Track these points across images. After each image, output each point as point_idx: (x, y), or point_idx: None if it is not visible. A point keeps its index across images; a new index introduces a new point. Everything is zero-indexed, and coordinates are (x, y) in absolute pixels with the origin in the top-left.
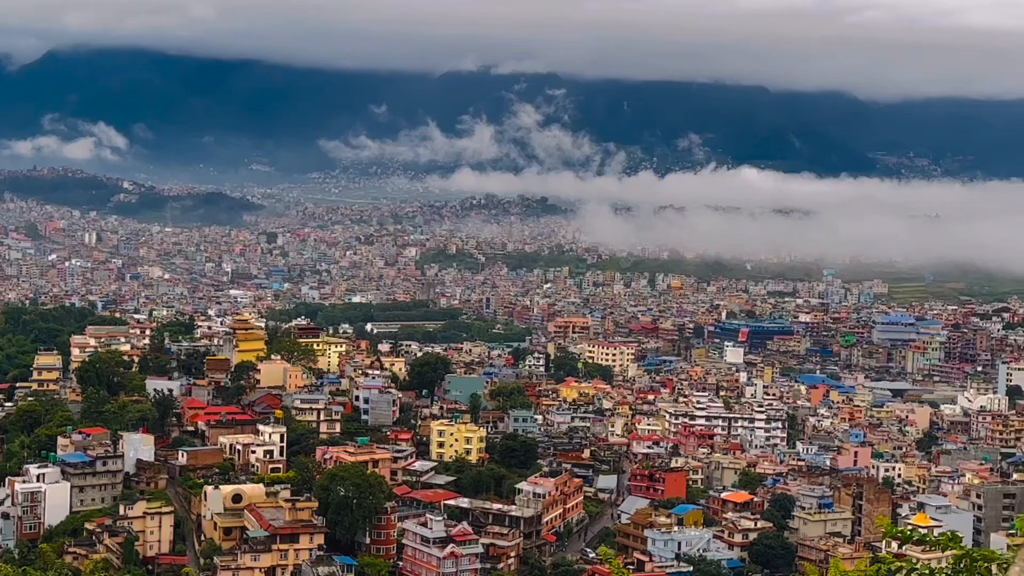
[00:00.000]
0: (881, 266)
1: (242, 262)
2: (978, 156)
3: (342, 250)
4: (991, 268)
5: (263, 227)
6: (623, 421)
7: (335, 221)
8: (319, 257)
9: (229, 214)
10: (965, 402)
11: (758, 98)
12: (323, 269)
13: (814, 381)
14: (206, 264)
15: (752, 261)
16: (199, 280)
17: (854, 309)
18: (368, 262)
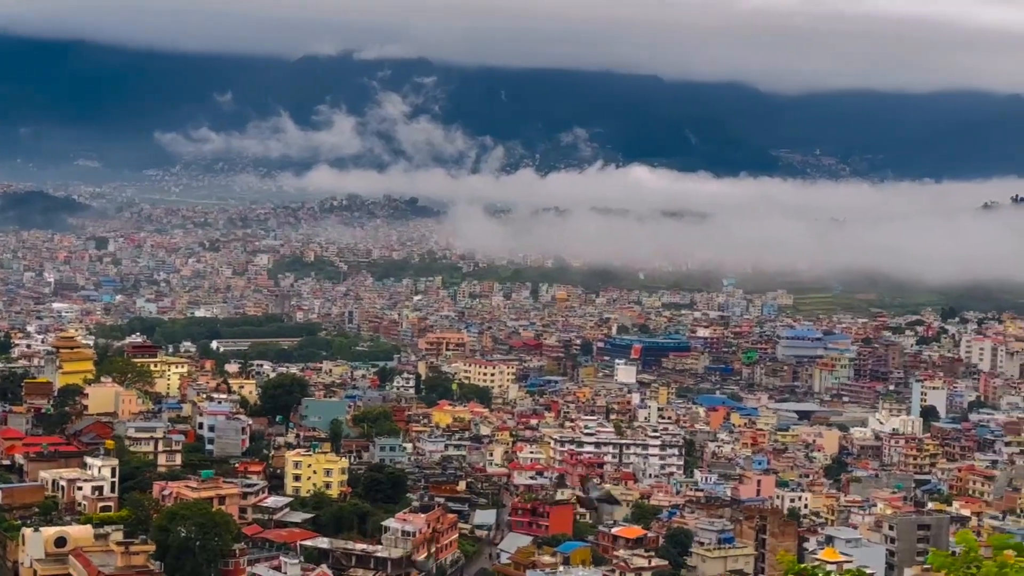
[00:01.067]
0: (785, 275)
1: (67, 271)
2: (889, 154)
3: (183, 257)
4: (903, 277)
5: (91, 231)
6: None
7: (175, 224)
8: (156, 265)
9: (51, 216)
10: (876, 424)
11: (651, 89)
12: (161, 279)
13: (714, 403)
14: (24, 274)
15: (645, 270)
16: (16, 292)
17: (757, 322)
18: (213, 271)
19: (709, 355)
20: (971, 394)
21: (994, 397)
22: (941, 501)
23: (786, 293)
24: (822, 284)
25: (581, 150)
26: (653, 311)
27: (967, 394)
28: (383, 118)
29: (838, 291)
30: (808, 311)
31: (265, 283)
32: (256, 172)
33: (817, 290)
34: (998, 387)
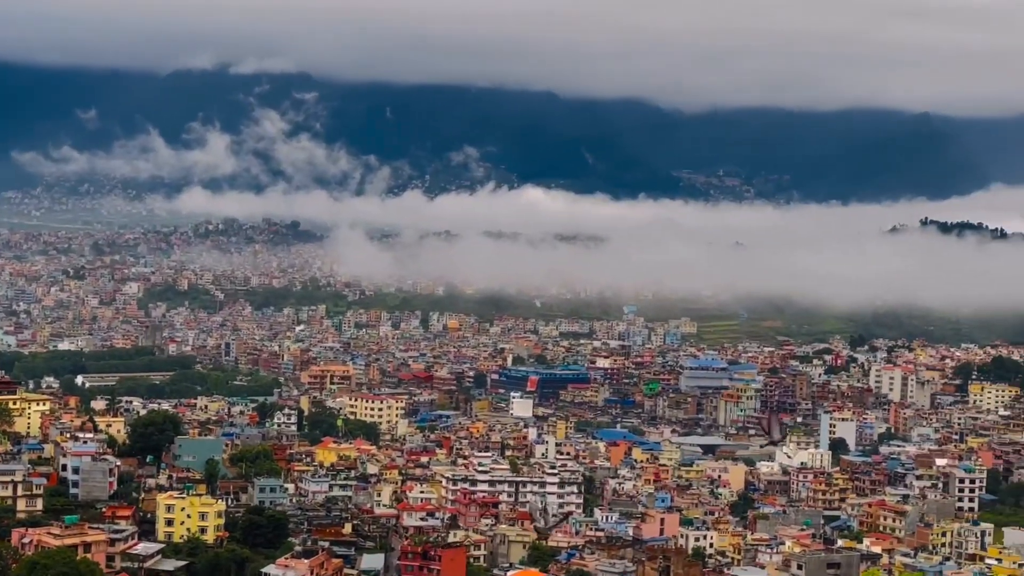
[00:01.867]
0: (689, 302)
1: None
2: (794, 175)
3: (45, 286)
4: (811, 303)
5: None
6: (391, 489)
7: (36, 251)
8: (16, 295)
9: None
10: (784, 458)
11: (546, 106)
12: (21, 309)
13: (614, 437)
14: None
15: (542, 297)
16: None
17: (659, 352)
18: (78, 301)
19: (609, 387)
20: (881, 425)
21: (905, 428)
22: (851, 538)
23: (690, 321)
24: (727, 311)
25: (472, 170)
26: (550, 341)
27: (877, 425)
28: (260, 136)
29: (744, 318)
30: (713, 340)
31: (134, 313)
32: (124, 194)
33: (722, 317)
34: (909, 418)
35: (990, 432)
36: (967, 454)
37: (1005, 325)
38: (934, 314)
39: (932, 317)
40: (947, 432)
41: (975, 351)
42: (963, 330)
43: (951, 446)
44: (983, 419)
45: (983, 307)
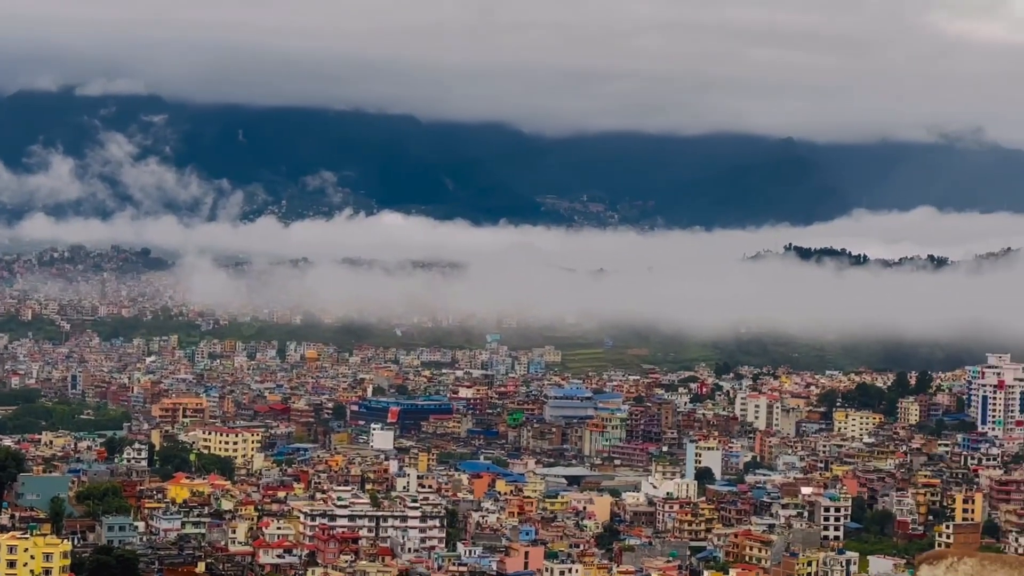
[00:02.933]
0: (553, 330)
1: None
2: (658, 200)
3: None
4: (676, 331)
5: None
6: (247, 525)
7: None
8: None
9: None
10: (650, 488)
11: (406, 130)
12: None
13: (477, 469)
14: None
15: (402, 325)
16: None
17: (523, 381)
18: None
19: (472, 417)
20: (747, 454)
21: (770, 457)
22: (717, 568)
23: (554, 349)
24: (592, 339)
25: (329, 195)
26: (411, 370)
27: (743, 454)
28: (107, 160)
29: (609, 346)
30: (577, 368)
31: None
32: None
33: (586, 345)
34: (774, 446)
35: (855, 460)
36: (832, 482)
37: (868, 351)
38: (798, 341)
39: (796, 344)
40: (812, 460)
41: (839, 378)
42: (827, 357)
43: (816, 474)
44: (848, 446)
45: (846, 333)
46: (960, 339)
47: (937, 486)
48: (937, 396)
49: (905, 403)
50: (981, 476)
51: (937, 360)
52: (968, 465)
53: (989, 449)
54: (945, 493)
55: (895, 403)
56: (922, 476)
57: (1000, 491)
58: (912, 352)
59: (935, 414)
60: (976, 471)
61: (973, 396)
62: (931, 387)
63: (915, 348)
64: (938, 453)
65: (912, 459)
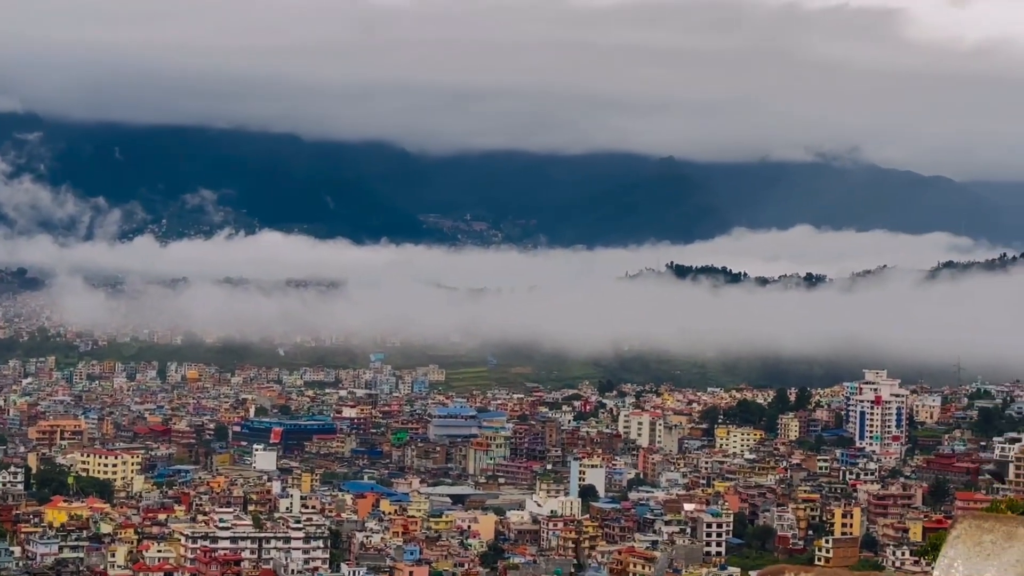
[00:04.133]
0: (437, 349)
1: None
2: (541, 219)
3: None
4: (559, 349)
5: None
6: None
7: None
8: None
9: None
10: (534, 506)
11: (288, 148)
12: None
13: (361, 489)
14: None
15: (285, 345)
16: None
17: (407, 401)
18: None
19: (356, 437)
20: (630, 471)
21: (653, 474)
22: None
23: (438, 368)
24: (476, 358)
25: (209, 214)
26: (295, 390)
27: (626, 471)
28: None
29: (492, 365)
30: (461, 387)
31: None
32: None
33: (470, 364)
34: (657, 463)
35: (736, 475)
36: (714, 498)
37: (748, 368)
38: (680, 358)
39: (678, 361)
40: (695, 476)
41: (720, 395)
42: (708, 374)
43: (699, 490)
44: (729, 463)
45: (726, 351)
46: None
47: (816, 501)
48: (816, 412)
49: (785, 419)
50: (859, 491)
51: (816, 376)
52: (847, 480)
53: (867, 464)
54: (824, 508)
55: (775, 419)
56: (802, 491)
57: (878, 505)
58: (791, 368)
59: (814, 430)
60: (854, 486)
61: (851, 412)
62: (810, 403)
63: (794, 365)
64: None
65: (792, 474)
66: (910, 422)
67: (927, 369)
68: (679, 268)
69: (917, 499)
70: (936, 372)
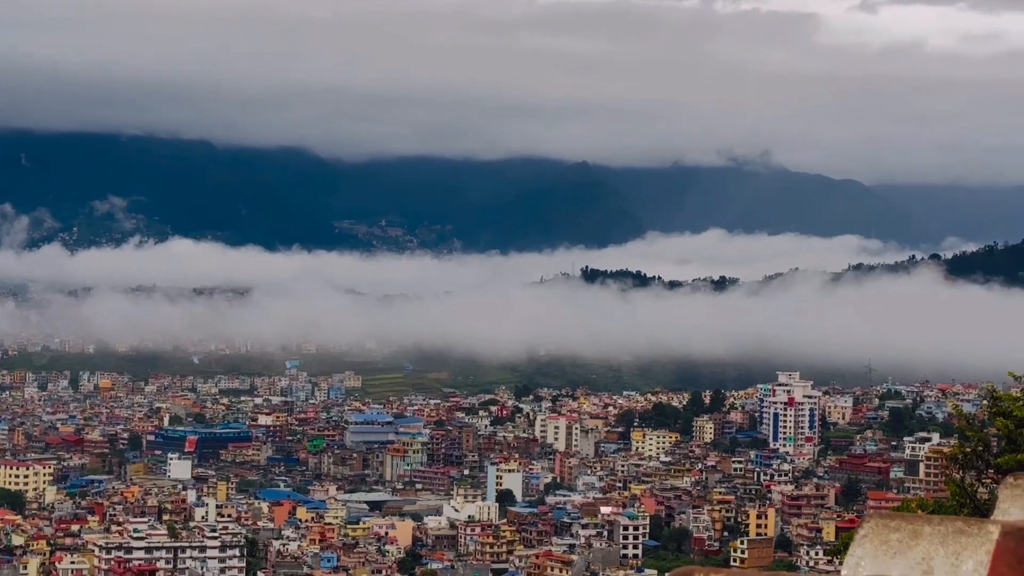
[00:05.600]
0: (354, 355)
1: None
2: (456, 225)
3: None
4: (475, 355)
5: None
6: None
7: None
8: None
9: None
10: (452, 512)
11: (201, 155)
12: None
13: (278, 496)
14: None
15: (199, 353)
16: None
17: (323, 407)
18: None
19: (272, 445)
20: (547, 475)
21: (570, 478)
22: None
23: (354, 374)
24: (392, 364)
25: (120, 221)
26: (209, 398)
27: (543, 475)
28: None
29: (409, 371)
30: (378, 393)
31: None
32: None
33: (387, 370)
34: (574, 467)
35: (652, 478)
36: (630, 501)
37: (663, 372)
38: (595, 363)
39: (593, 366)
40: (611, 480)
41: (636, 398)
42: (624, 378)
43: (615, 494)
44: (645, 465)
45: (640, 355)
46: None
47: (732, 502)
48: (731, 414)
49: (700, 422)
50: (773, 492)
51: (729, 379)
52: (761, 481)
53: (781, 465)
54: (739, 509)
55: (690, 422)
56: (717, 493)
57: (791, 506)
58: (704, 371)
59: (729, 432)
60: (769, 487)
61: (765, 413)
62: (725, 406)
63: (707, 367)
64: (732, 470)
65: (707, 476)
66: (823, 423)
67: (839, 370)
68: (591, 272)
69: (830, 499)
70: (847, 373)
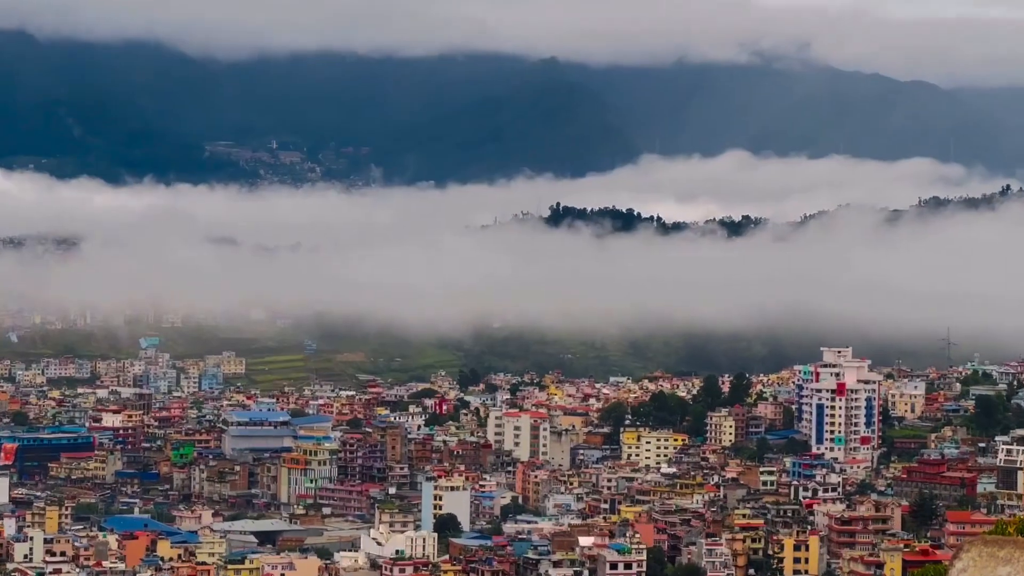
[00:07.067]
0: (233, 330)
1: None
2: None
3: None
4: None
5: None
6: None
7: None
8: None
9: None
10: (372, 546)
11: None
12: None
13: (131, 526)
14: None
15: (19, 328)
16: None
17: (193, 402)
18: None
19: (123, 454)
20: (505, 494)
21: (537, 497)
22: None
23: (235, 357)
24: (287, 342)
25: None
26: (33, 390)
27: (499, 494)
28: None
29: (311, 350)
30: (268, 382)
31: None
32: None
33: (280, 351)
34: (542, 482)
35: (650, 497)
36: (620, 529)
37: (665, 350)
38: (570, 338)
39: (568, 342)
40: (594, 500)
41: (628, 386)
42: (611, 358)
43: (599, 519)
44: (641, 479)
45: (633, 327)
46: (781, 330)
47: (760, 529)
48: (758, 407)
49: (716, 418)
50: (817, 513)
51: (755, 358)
52: (800, 499)
53: (827, 477)
54: (771, 538)
55: (703, 418)
56: (740, 516)
57: (842, 532)
58: (720, 348)
59: (756, 431)
60: (810, 507)
61: (805, 405)
62: (750, 395)
63: (724, 343)
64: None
65: (726, 493)
66: (884, 418)
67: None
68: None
69: (895, 522)
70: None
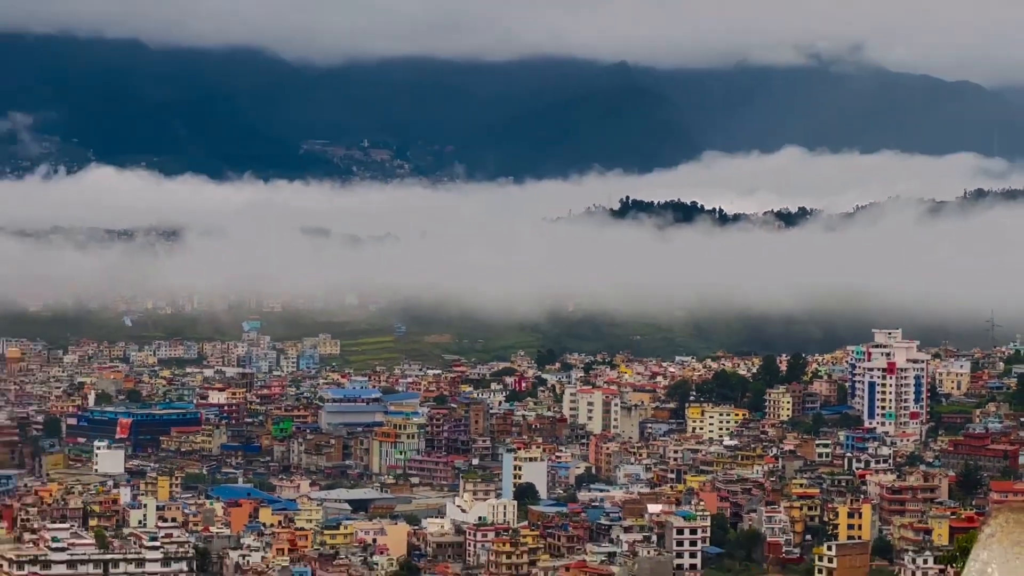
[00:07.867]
0: (329, 314)
1: None
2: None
3: None
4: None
5: None
6: None
7: None
8: None
9: None
10: (457, 513)
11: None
12: None
13: (235, 495)
14: None
15: (133, 313)
16: None
17: (291, 381)
18: None
19: (227, 429)
20: (579, 465)
21: (608, 468)
22: None
23: (331, 339)
24: (379, 324)
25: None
26: (146, 370)
27: (574, 465)
28: None
29: (400, 333)
30: (361, 362)
31: None
32: None
33: (372, 333)
34: (613, 454)
35: (713, 468)
36: (686, 497)
37: (727, 331)
38: (639, 321)
39: (638, 324)
40: (661, 470)
41: (692, 365)
42: (677, 339)
43: (666, 487)
44: (704, 451)
45: (698, 309)
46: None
47: (816, 497)
48: (814, 384)
49: (774, 394)
50: (869, 483)
51: (811, 340)
52: (853, 470)
53: (879, 449)
54: (826, 506)
55: (762, 395)
56: (797, 486)
57: (893, 501)
58: (779, 330)
59: (811, 407)
60: (863, 477)
61: (857, 383)
62: (806, 373)
63: (782, 326)
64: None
65: (784, 464)
66: (932, 395)
67: (952, 327)
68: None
69: (942, 492)
70: (963, 331)
